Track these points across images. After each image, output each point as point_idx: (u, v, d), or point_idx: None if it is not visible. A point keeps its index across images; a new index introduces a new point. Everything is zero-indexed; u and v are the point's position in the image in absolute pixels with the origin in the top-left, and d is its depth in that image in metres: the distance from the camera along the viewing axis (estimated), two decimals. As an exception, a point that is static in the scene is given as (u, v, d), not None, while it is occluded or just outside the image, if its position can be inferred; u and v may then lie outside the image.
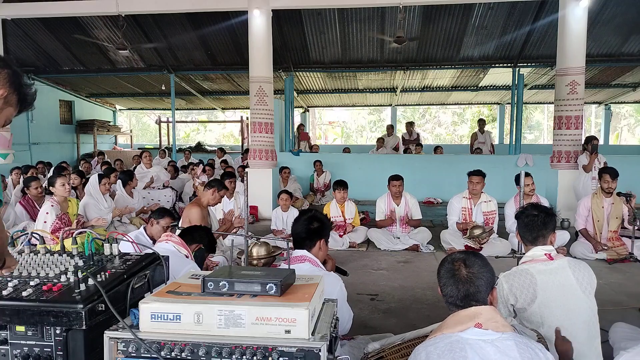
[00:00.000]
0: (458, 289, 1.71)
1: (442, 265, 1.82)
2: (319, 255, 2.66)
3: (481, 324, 1.61)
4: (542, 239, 2.56)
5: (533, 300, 2.38)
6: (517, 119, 11.26)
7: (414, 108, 24.61)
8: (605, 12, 9.93)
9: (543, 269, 2.44)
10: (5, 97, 1.49)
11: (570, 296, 2.40)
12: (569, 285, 2.42)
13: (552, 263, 2.47)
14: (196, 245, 3.23)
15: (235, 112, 20.23)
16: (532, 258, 2.52)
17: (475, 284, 1.71)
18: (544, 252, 2.50)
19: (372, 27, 10.80)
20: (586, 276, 2.48)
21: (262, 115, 8.57)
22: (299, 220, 2.72)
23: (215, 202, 5.21)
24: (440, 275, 1.79)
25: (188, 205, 5.30)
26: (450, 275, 1.74)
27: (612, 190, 5.65)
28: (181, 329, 1.49)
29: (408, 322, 3.64)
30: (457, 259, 1.77)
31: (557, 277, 2.42)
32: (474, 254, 1.83)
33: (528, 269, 2.45)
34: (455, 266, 1.75)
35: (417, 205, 6.53)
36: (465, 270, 1.73)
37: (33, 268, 1.71)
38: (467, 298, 1.69)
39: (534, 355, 1.57)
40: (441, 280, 1.78)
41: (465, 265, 1.74)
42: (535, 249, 2.54)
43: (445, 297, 1.76)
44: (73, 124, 15.52)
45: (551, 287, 2.39)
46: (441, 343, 1.60)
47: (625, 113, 25.41)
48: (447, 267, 1.78)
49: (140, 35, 11.32)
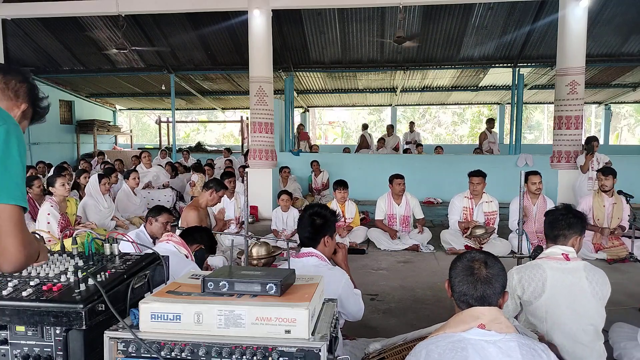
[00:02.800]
0: (476, 288, 1.69)
1: (459, 261, 1.78)
2: (325, 251, 2.69)
3: (484, 324, 1.60)
4: (563, 239, 2.56)
5: (540, 294, 2.39)
6: (517, 119, 11.26)
7: (414, 108, 24.61)
8: (605, 12, 9.93)
9: (557, 267, 2.45)
10: (24, 111, 1.54)
11: (580, 299, 2.40)
12: (580, 287, 2.42)
13: (567, 263, 2.47)
14: (197, 245, 3.23)
15: (235, 112, 20.23)
16: (548, 255, 2.53)
17: (494, 286, 1.70)
18: (561, 252, 2.51)
19: (372, 27, 10.80)
20: (600, 282, 2.47)
21: (262, 115, 8.57)
22: (302, 220, 2.74)
23: (214, 202, 5.21)
24: (456, 272, 1.75)
25: (185, 207, 5.29)
26: (468, 273, 1.71)
27: (607, 188, 5.65)
28: (181, 329, 1.49)
29: (408, 322, 3.64)
30: (478, 258, 1.75)
31: (569, 277, 2.43)
32: (493, 255, 1.81)
33: (541, 264, 2.48)
34: (476, 265, 1.72)
35: (419, 205, 6.54)
36: (485, 270, 1.71)
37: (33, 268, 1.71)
38: (483, 299, 1.68)
39: (537, 356, 1.57)
40: (456, 276, 1.74)
41: (486, 265, 1.72)
42: (554, 247, 2.55)
43: (456, 294, 1.73)
44: (73, 124, 15.53)
45: (561, 286, 2.39)
46: (443, 342, 1.60)
47: (625, 113, 25.41)
48: (466, 265, 1.75)
49: (140, 35, 11.32)
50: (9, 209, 1.28)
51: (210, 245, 3.45)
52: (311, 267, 2.57)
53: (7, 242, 1.28)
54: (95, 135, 15.53)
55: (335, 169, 10.31)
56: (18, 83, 1.54)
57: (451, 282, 1.77)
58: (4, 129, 1.32)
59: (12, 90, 1.53)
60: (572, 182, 7.71)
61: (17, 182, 1.32)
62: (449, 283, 1.80)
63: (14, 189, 1.30)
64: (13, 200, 1.29)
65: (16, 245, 1.29)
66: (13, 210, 1.28)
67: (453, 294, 1.76)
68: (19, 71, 1.59)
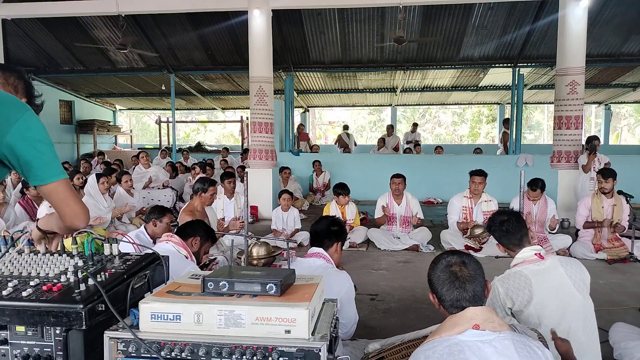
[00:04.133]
0: (466, 289, 1.68)
1: (437, 271, 1.75)
2: (334, 257, 2.76)
3: (479, 324, 1.60)
4: (526, 238, 2.56)
5: (529, 301, 2.36)
6: (517, 119, 11.27)
7: (414, 108, 24.61)
8: (605, 12, 9.93)
9: (536, 269, 2.43)
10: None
11: (564, 294, 2.39)
12: (562, 283, 2.41)
13: (543, 262, 2.45)
14: (192, 238, 3.19)
15: (235, 112, 20.23)
16: (523, 259, 2.50)
17: (479, 281, 1.71)
18: (533, 252, 2.49)
19: (372, 27, 10.80)
20: (578, 273, 2.46)
21: (262, 115, 8.57)
22: (320, 221, 2.88)
23: (208, 202, 5.20)
24: (439, 282, 1.73)
25: (180, 213, 5.27)
26: (452, 279, 1.70)
27: (607, 190, 5.64)
28: (181, 329, 1.49)
29: (408, 322, 3.64)
30: (454, 262, 1.74)
31: (550, 276, 2.41)
32: (460, 253, 1.81)
33: (521, 271, 2.43)
34: (455, 269, 1.71)
35: (419, 205, 6.51)
36: (467, 270, 1.71)
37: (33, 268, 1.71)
38: (475, 297, 1.67)
39: (532, 352, 1.57)
40: (442, 286, 1.72)
41: (465, 265, 1.72)
42: (524, 251, 2.52)
43: (448, 302, 1.71)
44: (73, 124, 15.53)
45: (545, 287, 2.38)
46: (440, 347, 1.60)
47: (625, 113, 25.41)
48: (445, 272, 1.72)
49: (141, 35, 11.32)
50: (66, 181, 1.56)
51: (207, 234, 3.34)
52: (317, 267, 2.59)
53: (75, 206, 1.58)
54: (95, 135, 15.53)
55: (335, 169, 10.32)
56: (16, 79, 1.67)
57: (437, 294, 1.74)
58: (31, 113, 1.53)
59: (12, 85, 1.65)
60: (572, 182, 7.71)
61: (59, 158, 1.58)
62: (433, 295, 1.77)
63: (61, 165, 1.58)
64: (64, 174, 1.57)
65: (81, 205, 1.59)
66: (67, 181, 1.57)
67: (442, 303, 1.73)
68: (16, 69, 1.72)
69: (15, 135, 1.47)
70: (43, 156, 1.51)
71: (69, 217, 1.58)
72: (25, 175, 1.54)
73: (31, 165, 1.50)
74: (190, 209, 5.09)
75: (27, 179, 1.55)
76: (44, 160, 1.51)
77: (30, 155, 1.49)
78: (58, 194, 1.54)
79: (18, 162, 1.50)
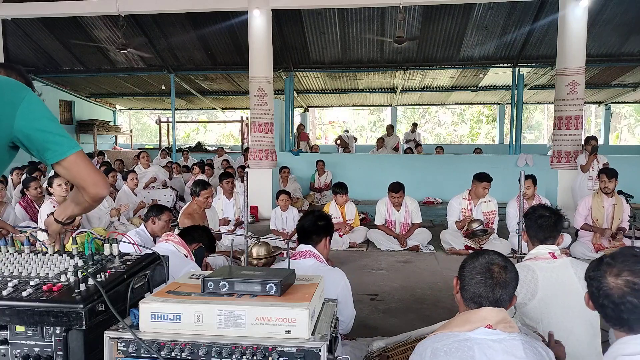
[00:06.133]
0: (494, 292, 1.69)
1: (476, 261, 1.75)
2: (324, 252, 2.71)
3: (492, 324, 1.62)
4: (552, 240, 2.58)
5: (534, 295, 2.38)
6: (517, 119, 11.27)
7: (414, 108, 24.62)
8: (605, 12, 9.93)
9: (545, 266, 2.45)
10: None
11: (571, 295, 2.40)
12: (570, 283, 2.42)
13: (555, 261, 2.48)
14: (196, 244, 3.24)
15: (235, 112, 20.24)
16: (535, 256, 2.53)
17: (509, 290, 1.71)
18: (547, 251, 2.52)
19: (372, 27, 10.80)
20: None
21: (262, 115, 8.57)
22: (306, 216, 2.81)
23: (204, 205, 5.19)
24: (473, 272, 1.73)
25: (180, 216, 5.28)
26: (488, 276, 1.70)
27: (609, 190, 5.64)
28: (181, 329, 1.49)
29: (408, 322, 3.63)
30: (497, 262, 1.74)
31: (559, 275, 2.43)
32: (506, 257, 1.80)
33: (530, 265, 2.47)
34: (496, 269, 1.72)
35: (418, 209, 6.37)
36: (505, 275, 1.71)
37: (33, 268, 1.71)
38: (497, 302, 1.69)
39: (538, 354, 1.60)
40: (472, 277, 1.72)
41: (506, 270, 1.72)
42: (539, 247, 2.55)
43: (469, 294, 1.71)
44: (73, 124, 15.54)
45: (552, 285, 2.39)
46: (449, 340, 1.61)
47: (625, 113, 25.42)
48: (485, 267, 1.72)
49: (141, 35, 11.32)
50: (82, 152, 1.58)
51: (210, 243, 3.46)
52: (309, 268, 2.57)
53: (95, 176, 1.61)
54: (95, 135, 15.53)
55: (335, 169, 10.31)
56: (18, 77, 1.71)
57: (463, 281, 1.75)
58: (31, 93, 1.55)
59: None
60: (572, 182, 7.71)
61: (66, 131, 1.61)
62: (458, 280, 1.78)
63: (72, 137, 1.59)
64: (78, 145, 1.59)
65: (100, 174, 1.63)
66: (83, 153, 1.58)
67: (463, 292, 1.74)
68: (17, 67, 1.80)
69: (24, 119, 1.51)
70: (55, 132, 1.54)
71: (92, 186, 1.60)
72: (42, 155, 1.55)
73: (47, 142, 1.53)
74: (189, 212, 5.10)
75: (44, 159, 1.56)
76: (56, 136, 1.54)
77: (43, 134, 1.53)
78: (78, 165, 1.57)
79: (32, 144, 1.53)
